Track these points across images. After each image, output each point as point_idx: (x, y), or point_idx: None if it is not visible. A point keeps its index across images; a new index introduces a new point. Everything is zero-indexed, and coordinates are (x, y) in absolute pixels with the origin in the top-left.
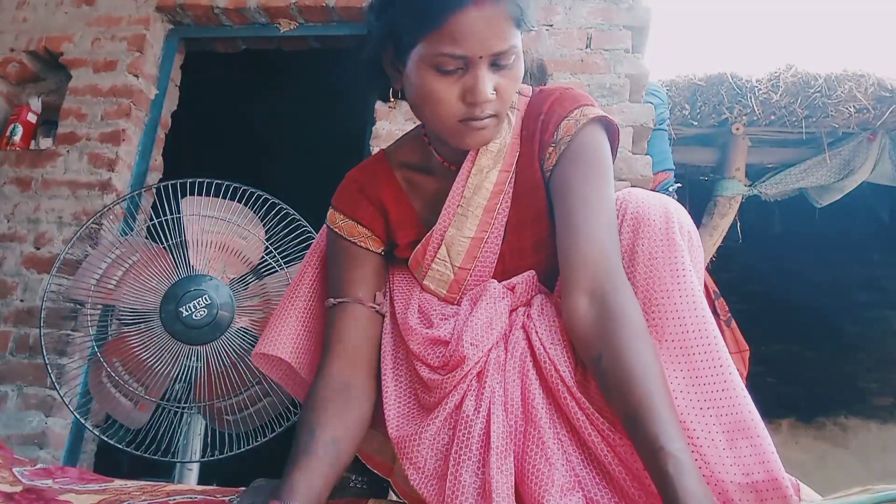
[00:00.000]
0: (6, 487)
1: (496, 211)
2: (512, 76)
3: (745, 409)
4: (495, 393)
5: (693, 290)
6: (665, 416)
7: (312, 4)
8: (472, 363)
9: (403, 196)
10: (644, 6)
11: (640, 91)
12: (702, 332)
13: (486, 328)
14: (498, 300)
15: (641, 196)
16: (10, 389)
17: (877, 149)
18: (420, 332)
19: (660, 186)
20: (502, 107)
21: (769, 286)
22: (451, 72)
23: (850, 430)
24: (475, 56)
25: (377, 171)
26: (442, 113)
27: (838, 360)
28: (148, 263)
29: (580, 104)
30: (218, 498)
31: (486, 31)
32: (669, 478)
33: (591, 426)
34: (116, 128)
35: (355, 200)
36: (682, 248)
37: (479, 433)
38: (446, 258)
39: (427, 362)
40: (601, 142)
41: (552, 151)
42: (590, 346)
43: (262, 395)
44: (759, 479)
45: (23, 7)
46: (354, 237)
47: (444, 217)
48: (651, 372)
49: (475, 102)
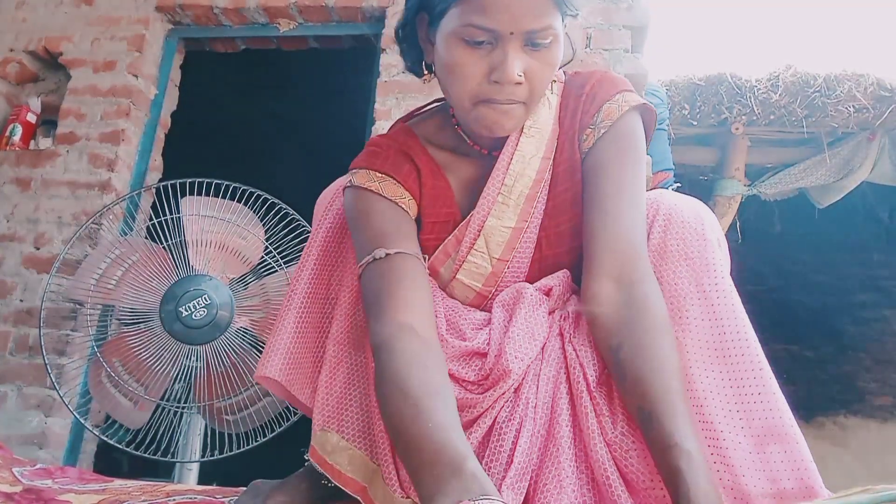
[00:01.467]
0: (6, 487)
1: (536, 199)
2: (547, 60)
3: (782, 415)
4: (529, 404)
5: (729, 289)
6: (681, 414)
7: (312, 4)
8: (517, 377)
9: (440, 171)
10: (644, 6)
11: (640, 91)
12: (740, 332)
13: (528, 339)
14: (536, 307)
15: (674, 198)
16: (9, 389)
17: (876, 148)
18: (454, 345)
19: (659, 186)
20: (531, 95)
21: (769, 286)
22: (480, 45)
23: (849, 430)
24: (506, 31)
25: (409, 141)
26: (464, 89)
27: (838, 360)
28: (147, 263)
29: (622, 89)
30: (218, 498)
31: (520, 5)
32: (682, 473)
33: (599, 434)
34: (116, 128)
35: (397, 161)
36: (716, 248)
37: (509, 449)
38: (484, 249)
39: (461, 378)
40: (640, 132)
41: (590, 133)
42: (610, 335)
43: (262, 395)
44: (788, 488)
45: (22, 7)
46: (396, 197)
47: (483, 206)
48: (671, 368)
49: (500, 81)
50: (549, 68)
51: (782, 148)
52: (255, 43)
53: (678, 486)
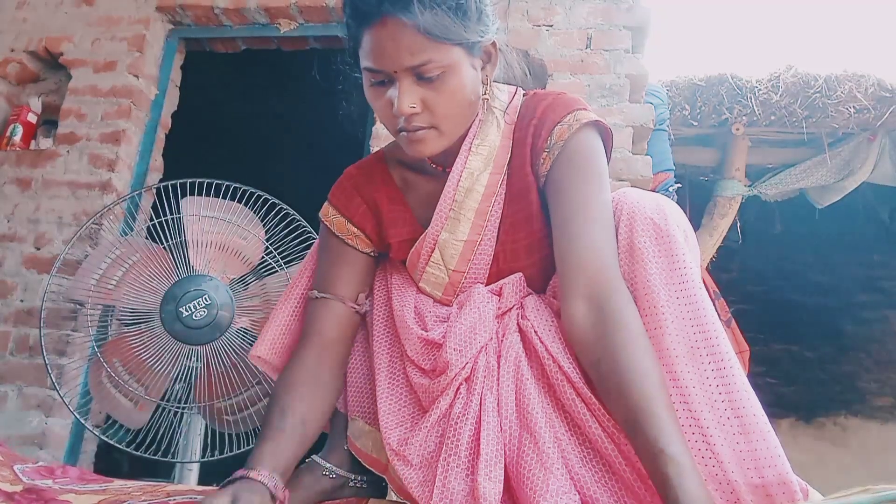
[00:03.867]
0: (6, 486)
1: (489, 213)
2: (442, 89)
3: (755, 408)
4: (486, 399)
5: (698, 283)
6: (664, 419)
7: (312, 4)
8: (457, 369)
9: (398, 195)
10: (644, 6)
11: (640, 91)
12: (712, 327)
13: (469, 334)
14: (483, 305)
15: (636, 195)
16: (10, 389)
17: (877, 149)
18: (415, 332)
19: (660, 187)
20: (438, 119)
21: (769, 286)
22: (382, 84)
23: (850, 430)
24: (390, 70)
25: (374, 170)
26: (382, 120)
27: (838, 360)
28: (148, 263)
29: (572, 109)
30: None
31: (392, 47)
32: (670, 480)
33: (595, 422)
34: (116, 128)
35: (349, 197)
36: (680, 242)
37: (468, 440)
38: (440, 261)
39: (419, 365)
40: (595, 146)
41: (546, 157)
42: (588, 351)
43: (262, 396)
44: (770, 479)
45: (23, 7)
46: (344, 234)
47: (437, 220)
48: (649, 375)
49: (395, 114)
50: (446, 95)
51: (783, 148)
52: (255, 43)
53: (667, 493)
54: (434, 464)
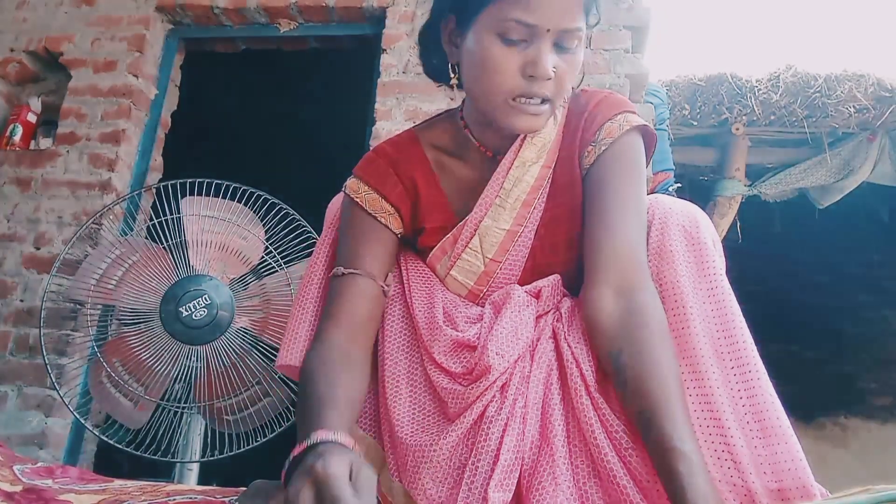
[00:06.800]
0: (6, 486)
1: (533, 206)
2: (572, 62)
3: (779, 413)
4: (516, 404)
5: (727, 289)
6: (680, 418)
7: (312, 4)
8: (498, 374)
9: (434, 178)
10: (644, 6)
11: (640, 91)
12: (740, 331)
13: (511, 338)
14: (523, 308)
15: (669, 201)
16: (10, 389)
17: (877, 149)
18: (448, 334)
19: (659, 187)
20: (558, 93)
21: (769, 286)
22: (515, 42)
23: (849, 430)
24: (543, 28)
25: (410, 150)
26: (499, 85)
27: (838, 360)
28: (148, 263)
29: (623, 109)
30: (218, 498)
31: (560, 4)
32: (680, 476)
33: (604, 434)
34: (116, 128)
35: (385, 174)
36: (710, 248)
37: (495, 447)
38: (478, 248)
39: (448, 369)
40: (640, 150)
41: (591, 150)
42: (611, 341)
43: (262, 395)
44: (789, 485)
45: (23, 7)
46: (377, 211)
47: (481, 206)
48: (670, 373)
49: (535, 76)
50: (573, 69)
51: (783, 148)
52: (255, 43)
53: (676, 489)
54: (462, 470)
